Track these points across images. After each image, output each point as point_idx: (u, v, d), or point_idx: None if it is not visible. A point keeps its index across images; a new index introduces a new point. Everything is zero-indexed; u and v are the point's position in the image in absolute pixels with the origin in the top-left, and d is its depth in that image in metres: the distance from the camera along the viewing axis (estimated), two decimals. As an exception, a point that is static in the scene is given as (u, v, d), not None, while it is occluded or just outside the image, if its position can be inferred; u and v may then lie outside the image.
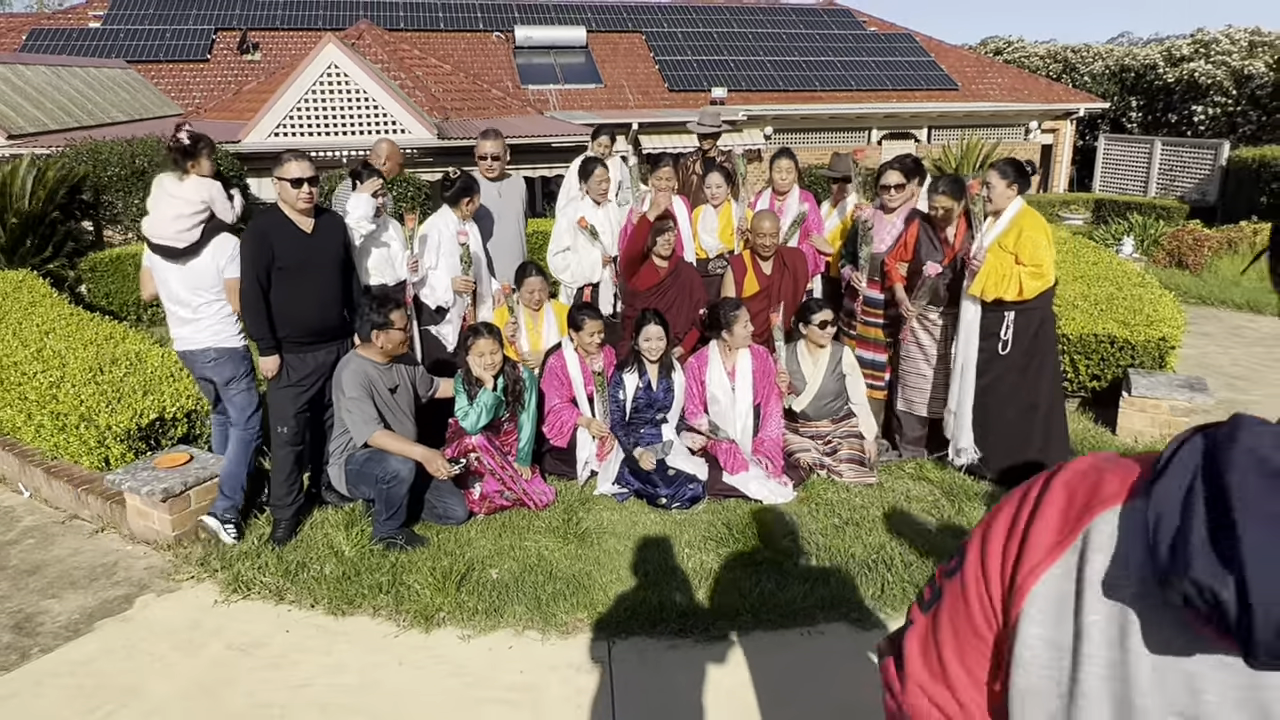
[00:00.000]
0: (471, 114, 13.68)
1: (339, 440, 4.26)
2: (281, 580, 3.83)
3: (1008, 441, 4.62)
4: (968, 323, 4.55)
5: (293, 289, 4.03)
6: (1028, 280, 4.32)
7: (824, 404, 4.97)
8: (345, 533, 4.15)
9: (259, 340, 4.01)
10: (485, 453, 4.41)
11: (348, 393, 4.05)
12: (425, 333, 5.05)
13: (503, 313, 5.21)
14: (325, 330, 4.20)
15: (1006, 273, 4.35)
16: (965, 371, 4.60)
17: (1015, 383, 4.55)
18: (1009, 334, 4.50)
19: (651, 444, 4.72)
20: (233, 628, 3.56)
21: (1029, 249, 4.31)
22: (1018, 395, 4.56)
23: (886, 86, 18.66)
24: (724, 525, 4.26)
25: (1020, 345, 4.50)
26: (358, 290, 4.45)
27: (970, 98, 18.81)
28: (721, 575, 3.81)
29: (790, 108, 16.85)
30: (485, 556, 4.00)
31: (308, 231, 4.07)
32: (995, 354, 4.54)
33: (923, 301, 4.71)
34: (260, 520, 4.35)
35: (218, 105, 13.31)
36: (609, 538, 4.18)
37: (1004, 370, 4.55)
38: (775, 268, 5.28)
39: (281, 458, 4.17)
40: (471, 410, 4.37)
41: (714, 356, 4.91)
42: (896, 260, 4.93)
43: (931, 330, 4.85)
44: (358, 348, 4.22)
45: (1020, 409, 4.58)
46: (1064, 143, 19.30)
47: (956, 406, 4.67)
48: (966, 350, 4.58)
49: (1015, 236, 4.35)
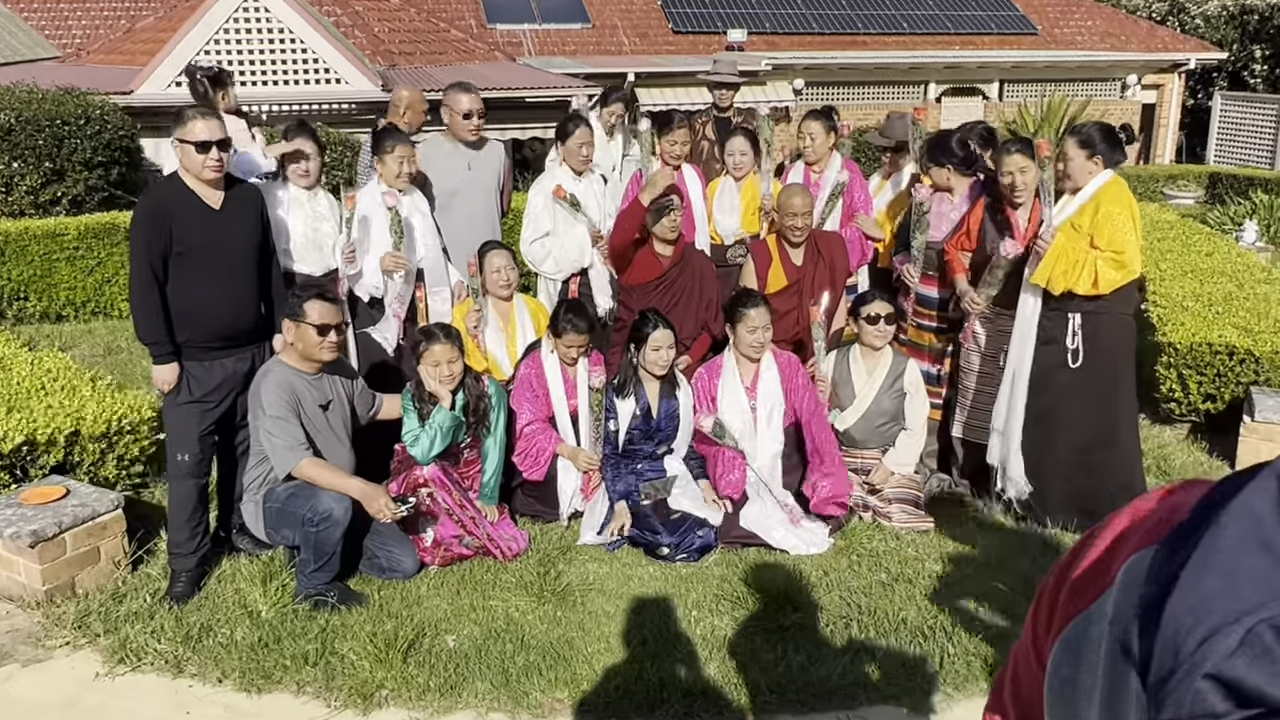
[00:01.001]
0: (425, 60, 13.73)
1: (256, 471, 4.26)
2: (181, 648, 3.81)
3: (1069, 481, 4.65)
4: (1024, 321, 4.58)
5: (196, 279, 4.03)
6: (1105, 269, 4.33)
7: (875, 426, 4.99)
8: (262, 588, 4.14)
9: (151, 345, 4.02)
10: (440, 488, 4.41)
11: (268, 410, 4.06)
12: (363, 336, 5.06)
13: (464, 307, 5.22)
14: (238, 332, 4.19)
15: (1079, 258, 4.36)
16: (1017, 383, 4.64)
17: (1082, 406, 4.58)
18: (1077, 341, 4.52)
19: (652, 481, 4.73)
20: (117, 708, 3.54)
21: (1107, 230, 4.33)
22: (1085, 422, 4.59)
23: (947, 29, 18.77)
24: (741, 581, 4.27)
25: (1092, 357, 4.52)
26: (279, 280, 4.46)
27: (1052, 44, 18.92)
28: (737, 644, 3.81)
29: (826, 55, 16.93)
30: (440, 619, 4.00)
31: (215, 207, 4.08)
32: (1058, 366, 4.56)
33: (993, 290, 4.74)
34: (154, 571, 4.34)
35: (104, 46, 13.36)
36: (596, 596, 4.18)
37: (1068, 388, 4.58)
38: (808, 257, 5.31)
39: (182, 493, 4.16)
40: (423, 435, 4.38)
41: (728, 368, 4.92)
42: (958, 248, 4.96)
43: (1000, 336, 4.87)
44: (280, 353, 4.23)
45: (1087, 441, 4.61)
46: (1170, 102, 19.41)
47: (1005, 425, 4.70)
48: (1020, 357, 4.61)
49: (1092, 214, 4.38)
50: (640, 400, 4.75)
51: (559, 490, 4.77)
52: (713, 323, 5.34)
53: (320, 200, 4.90)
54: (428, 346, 4.43)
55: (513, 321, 5.27)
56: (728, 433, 4.74)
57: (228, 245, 4.10)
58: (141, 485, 4.97)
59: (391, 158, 4.98)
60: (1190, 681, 0.76)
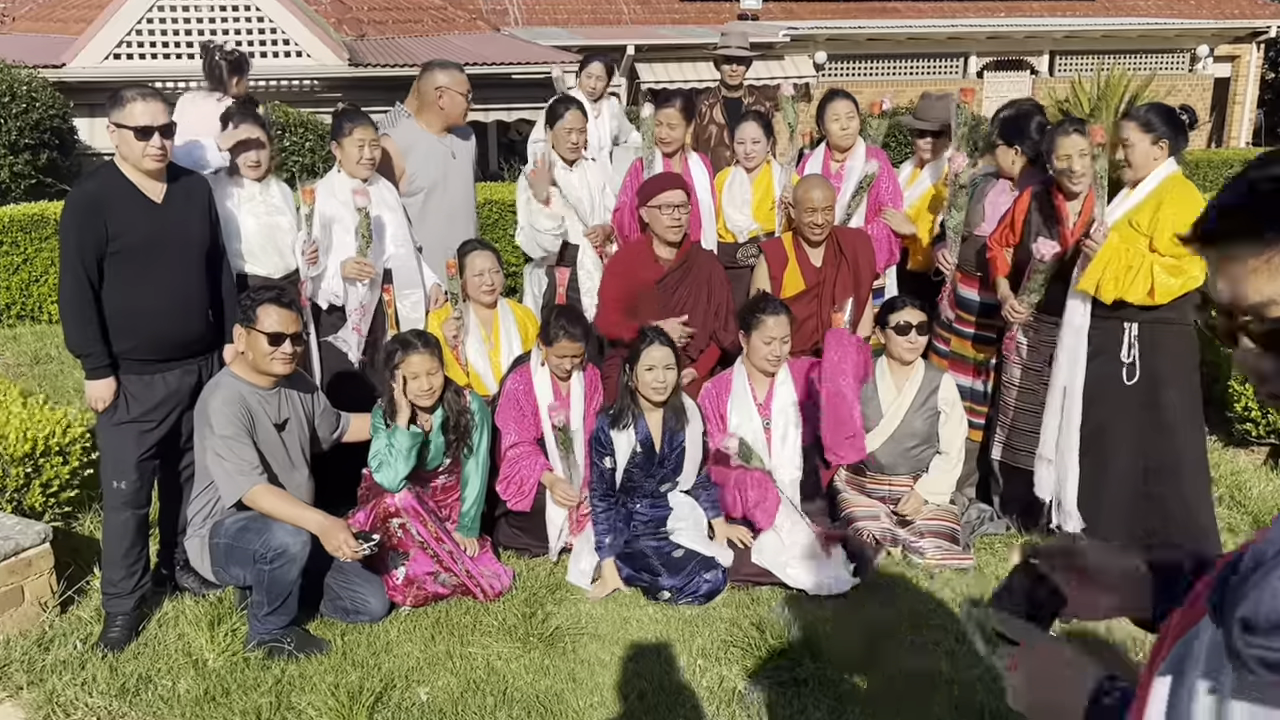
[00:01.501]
0: (398, 30, 13.81)
1: (202, 500, 4.27)
2: (116, 702, 3.81)
3: (1126, 517, 4.65)
4: (1073, 333, 4.59)
5: (136, 282, 4.04)
6: (1162, 275, 4.34)
7: (904, 449, 5.01)
8: (209, 633, 4.15)
9: (84, 357, 4.03)
10: (414, 518, 4.42)
11: (216, 429, 4.07)
12: (327, 346, 5.08)
13: (442, 314, 5.24)
14: (183, 341, 4.20)
15: (1134, 263, 4.37)
16: (1068, 404, 4.64)
17: (1139, 430, 4.59)
18: (1133, 355, 4.53)
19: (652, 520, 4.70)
20: (44, 770, 3.55)
21: (1168, 231, 4.32)
22: (1142, 449, 4.60)
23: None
24: (752, 625, 4.27)
25: (1150, 372, 4.53)
26: (229, 283, 4.47)
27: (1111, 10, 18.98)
28: (749, 698, 3.81)
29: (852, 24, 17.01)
30: (411, 668, 4.00)
31: (157, 201, 4.09)
32: (1111, 383, 4.57)
33: (1035, 297, 4.75)
34: (86, 614, 4.34)
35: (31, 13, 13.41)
36: (589, 642, 4.18)
37: (1122, 409, 4.58)
38: (829, 257, 5.33)
39: (118, 525, 4.17)
40: (389, 459, 4.38)
41: (739, 382, 4.94)
42: (1002, 244, 4.97)
43: (1044, 347, 4.87)
44: (231, 364, 4.25)
45: (1145, 470, 4.61)
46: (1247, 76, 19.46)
47: (1056, 451, 4.71)
48: (1071, 373, 4.62)
49: (1152, 211, 4.39)
50: (640, 432, 4.61)
51: (548, 521, 4.78)
52: (722, 332, 5.34)
53: (274, 192, 4.91)
54: (404, 357, 4.43)
55: (496, 330, 5.29)
56: (754, 454, 4.67)
57: (171, 243, 4.11)
58: (72, 515, 4.98)
59: (350, 141, 4.98)
60: (1268, 581, 0.98)
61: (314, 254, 4.83)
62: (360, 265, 4.94)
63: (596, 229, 5.75)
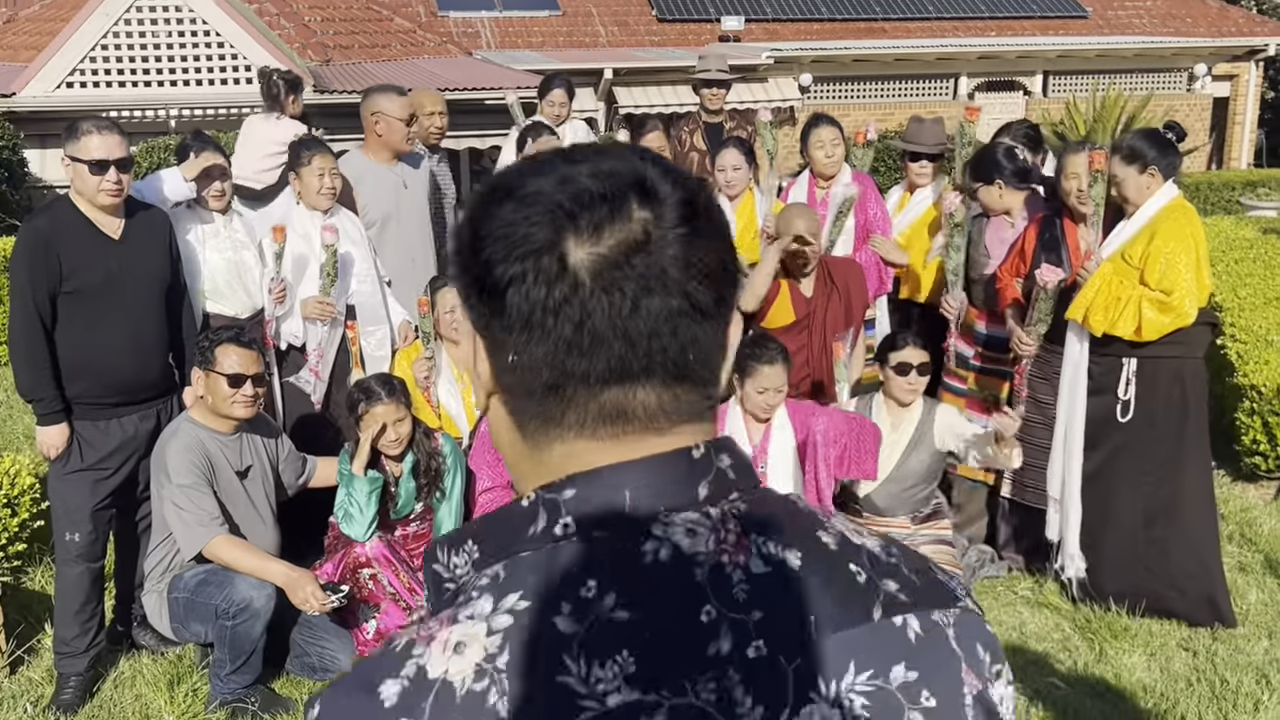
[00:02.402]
0: (364, 53, 13.86)
1: (160, 552, 4.24)
2: (69, 769, 3.77)
3: (1125, 553, 4.66)
4: (1071, 367, 4.62)
5: (91, 323, 4.03)
6: (1150, 311, 4.36)
7: (903, 491, 4.98)
8: (168, 694, 4.11)
9: (35, 401, 4.01)
10: (385, 567, 4.40)
11: (174, 478, 4.05)
12: (290, 387, 5.06)
13: (410, 352, 5.23)
14: (140, 385, 4.19)
15: (1121, 294, 4.39)
16: (1069, 442, 4.65)
17: (1139, 470, 4.61)
18: (1130, 392, 4.54)
19: None
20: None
21: (1158, 266, 4.35)
22: (1140, 487, 4.61)
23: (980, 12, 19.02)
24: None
25: (1149, 410, 4.54)
26: (190, 324, 4.47)
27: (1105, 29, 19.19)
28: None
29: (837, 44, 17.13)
30: (382, 729, 3.96)
31: (114, 237, 4.09)
32: (1109, 420, 4.59)
33: (1042, 328, 4.76)
34: (37, 674, 4.29)
35: (-19, 41, 13.37)
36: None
37: (1122, 446, 4.60)
38: (818, 287, 5.33)
39: (71, 579, 4.13)
40: (353, 508, 4.35)
41: (733, 423, 4.92)
42: (1013, 274, 4.99)
43: (1051, 379, 4.90)
44: (191, 409, 4.22)
45: (1146, 511, 4.62)
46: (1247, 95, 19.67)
47: (1062, 491, 4.72)
48: (1071, 410, 4.63)
49: (1144, 245, 4.42)
50: None
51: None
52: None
53: (237, 226, 4.90)
54: (368, 408, 4.40)
55: (469, 368, 5.28)
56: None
57: (129, 282, 4.10)
58: (21, 570, 4.92)
59: (310, 171, 4.95)
60: None
61: (282, 292, 4.82)
62: (322, 305, 4.93)
63: None
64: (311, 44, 13.12)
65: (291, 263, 4.96)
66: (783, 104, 16.50)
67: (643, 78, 16.18)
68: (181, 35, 11.13)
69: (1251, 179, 15.40)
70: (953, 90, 17.59)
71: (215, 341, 4.13)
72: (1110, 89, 13.04)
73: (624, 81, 16.12)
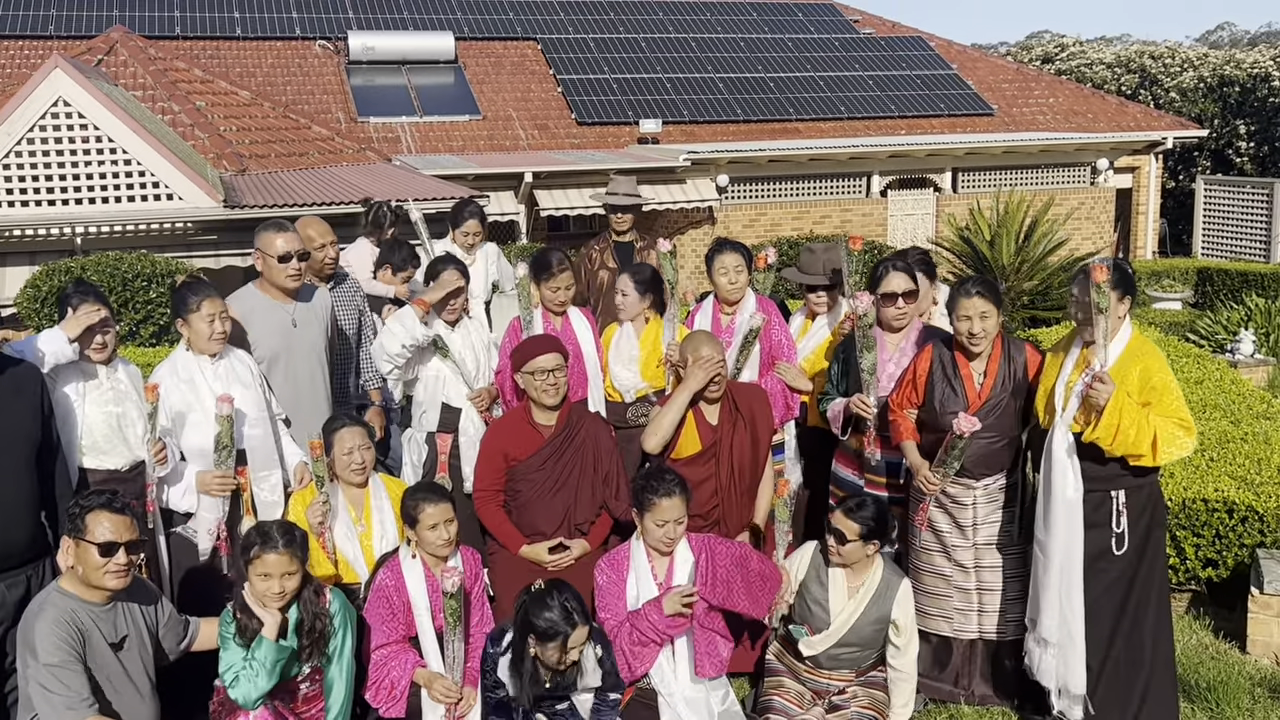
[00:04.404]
0: (281, 162, 13.72)
1: (27, 731, 3.96)
2: None
3: (1120, 684, 4.57)
4: (1066, 505, 4.44)
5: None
6: (1173, 434, 4.30)
7: (848, 650, 4.79)
8: None
9: None
10: (273, 736, 4.15)
11: (41, 656, 3.79)
12: (174, 536, 4.84)
13: (305, 495, 5.02)
14: (8, 551, 4.06)
15: (1140, 419, 4.28)
16: (1068, 575, 4.48)
17: (1124, 597, 4.53)
18: (1123, 524, 4.46)
19: None
20: None
21: (1169, 397, 4.33)
22: (1124, 614, 4.54)
23: (891, 112, 19.46)
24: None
25: (1135, 539, 4.48)
26: (64, 482, 4.29)
27: (1011, 125, 19.69)
28: None
29: (752, 146, 17.37)
30: None
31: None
32: (1103, 554, 4.49)
33: (952, 470, 4.69)
34: None
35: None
36: None
37: (1115, 579, 4.51)
38: (724, 415, 5.26)
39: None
40: (245, 674, 4.11)
41: (638, 558, 4.78)
42: (904, 405, 4.92)
43: (955, 513, 4.83)
44: (62, 578, 3.97)
45: (1127, 633, 4.55)
46: (1148, 186, 20.25)
47: (1060, 633, 4.53)
48: (1069, 543, 4.46)
49: (1137, 380, 4.35)
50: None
51: (425, 725, 4.52)
52: (613, 501, 5.24)
53: (120, 376, 4.69)
54: (260, 553, 4.18)
55: (368, 511, 5.07)
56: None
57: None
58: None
59: (199, 317, 4.77)
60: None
61: (162, 453, 4.60)
62: (221, 480, 4.77)
63: (481, 392, 5.60)
64: (227, 154, 12.95)
65: (172, 416, 4.75)
66: (701, 204, 16.61)
67: (563, 180, 16.27)
68: (87, 152, 10.92)
69: (1156, 269, 15.74)
70: (866, 188, 17.87)
71: (85, 508, 3.88)
72: (1013, 193, 13.23)
73: (544, 184, 16.19)
